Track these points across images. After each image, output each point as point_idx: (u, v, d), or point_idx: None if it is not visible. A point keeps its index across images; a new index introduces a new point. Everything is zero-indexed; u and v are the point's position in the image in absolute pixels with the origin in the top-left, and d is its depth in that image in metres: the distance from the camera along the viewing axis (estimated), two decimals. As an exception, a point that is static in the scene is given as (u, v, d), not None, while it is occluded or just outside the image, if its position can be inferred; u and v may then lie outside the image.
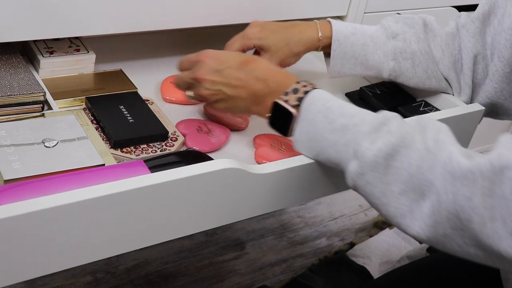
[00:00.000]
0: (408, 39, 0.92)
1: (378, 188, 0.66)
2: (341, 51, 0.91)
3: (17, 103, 0.82)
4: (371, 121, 0.68)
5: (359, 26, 0.93)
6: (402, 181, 0.65)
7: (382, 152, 0.65)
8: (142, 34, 1.08)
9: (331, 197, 1.67)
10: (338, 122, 0.70)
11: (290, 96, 0.74)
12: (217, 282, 1.36)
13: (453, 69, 0.95)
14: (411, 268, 0.97)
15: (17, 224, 0.58)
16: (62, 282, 1.28)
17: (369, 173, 0.66)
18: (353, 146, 0.68)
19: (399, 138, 0.66)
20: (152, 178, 0.65)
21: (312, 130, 0.72)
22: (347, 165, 0.69)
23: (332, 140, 0.70)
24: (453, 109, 0.92)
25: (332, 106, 0.71)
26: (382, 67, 0.93)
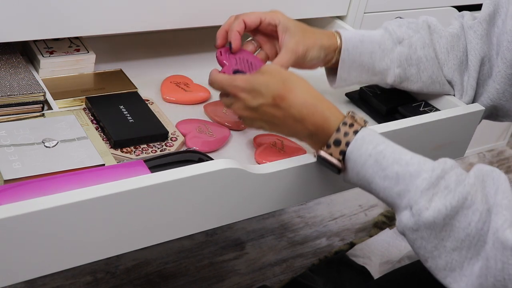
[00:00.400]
0: (414, 44, 0.91)
1: (431, 243, 0.66)
2: (350, 60, 0.89)
3: (17, 103, 0.82)
4: (428, 175, 0.66)
5: (366, 33, 0.91)
6: (458, 239, 0.64)
7: (442, 214, 0.64)
8: (142, 34, 1.08)
9: (331, 197, 1.67)
10: (391, 169, 0.68)
11: (332, 149, 0.72)
12: (217, 282, 1.36)
13: (458, 71, 0.94)
14: (411, 268, 0.97)
15: (17, 224, 0.58)
16: (62, 282, 1.28)
17: (424, 231, 0.65)
18: (408, 200, 0.67)
19: (459, 199, 0.64)
20: (152, 178, 0.65)
21: (362, 173, 0.70)
22: (398, 212, 0.68)
23: (384, 186, 0.69)
24: (453, 109, 0.92)
25: (384, 150, 0.69)
26: (387, 73, 0.92)
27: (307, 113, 0.73)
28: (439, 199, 0.65)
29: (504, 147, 2.04)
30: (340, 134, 0.72)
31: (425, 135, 0.89)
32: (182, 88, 0.97)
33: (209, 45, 1.12)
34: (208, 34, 1.16)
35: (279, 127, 0.77)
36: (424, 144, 0.90)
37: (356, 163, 0.70)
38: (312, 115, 0.73)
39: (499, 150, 2.03)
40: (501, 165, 1.97)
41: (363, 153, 0.70)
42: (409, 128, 0.85)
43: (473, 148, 1.95)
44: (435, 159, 0.96)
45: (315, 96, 0.75)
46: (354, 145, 0.70)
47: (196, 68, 1.05)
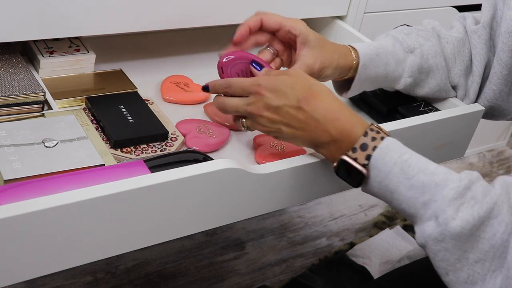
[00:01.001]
0: (426, 54, 0.90)
1: (455, 255, 0.65)
2: (366, 74, 0.88)
3: (17, 103, 0.82)
4: (455, 184, 0.65)
5: (378, 45, 0.89)
6: (482, 250, 0.64)
7: (469, 224, 0.63)
8: (142, 34, 1.08)
9: (331, 197, 1.67)
10: (417, 179, 0.67)
11: (358, 153, 0.70)
12: (217, 282, 1.36)
13: (464, 76, 0.94)
14: (411, 268, 0.97)
15: (17, 224, 0.58)
16: (62, 282, 1.28)
17: (449, 241, 0.65)
18: (434, 209, 0.66)
19: (486, 209, 0.64)
20: (152, 178, 0.65)
21: (385, 182, 0.69)
22: (421, 223, 0.67)
23: (409, 196, 0.68)
24: (453, 109, 0.92)
25: (409, 159, 0.68)
26: (398, 81, 0.91)
27: (332, 118, 0.72)
28: (466, 209, 0.64)
29: (504, 147, 2.04)
30: (368, 139, 0.70)
31: (425, 135, 0.89)
32: (182, 88, 0.97)
33: (209, 45, 1.12)
34: (208, 34, 1.16)
35: (298, 131, 0.73)
36: (424, 144, 0.90)
37: (380, 171, 0.69)
38: (337, 119, 0.72)
39: (499, 150, 2.03)
40: (501, 165, 1.97)
41: (388, 161, 0.68)
42: (409, 128, 0.85)
43: (473, 148, 1.95)
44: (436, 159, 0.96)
45: (340, 104, 0.73)
46: (379, 153, 0.69)
47: (196, 68, 1.05)
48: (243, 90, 0.76)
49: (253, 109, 0.75)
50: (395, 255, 1.46)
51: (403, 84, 0.91)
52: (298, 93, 0.73)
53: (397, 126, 0.84)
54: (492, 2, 0.94)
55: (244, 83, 0.76)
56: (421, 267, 0.95)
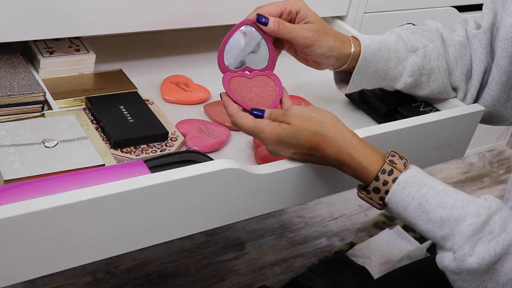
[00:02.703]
0: (428, 54, 0.90)
1: (473, 284, 0.66)
2: (365, 67, 0.88)
3: (17, 103, 0.82)
4: (473, 220, 0.65)
5: (382, 40, 0.89)
6: (499, 282, 0.65)
7: (485, 261, 0.64)
8: (142, 34, 1.08)
9: (331, 197, 1.67)
10: (435, 213, 0.67)
11: (372, 195, 0.71)
12: (217, 282, 1.36)
13: (464, 80, 0.94)
14: (411, 268, 0.97)
15: (17, 224, 0.58)
16: (62, 282, 1.28)
17: (466, 275, 0.66)
18: (452, 244, 0.66)
19: (504, 246, 0.64)
20: (152, 178, 0.65)
21: (404, 215, 0.69)
22: (441, 252, 0.68)
23: (427, 229, 0.68)
24: (453, 109, 0.92)
25: (427, 194, 0.68)
26: (398, 80, 0.91)
27: (343, 162, 0.72)
28: (483, 244, 0.65)
29: (504, 147, 2.04)
30: (379, 183, 0.70)
31: (425, 135, 0.89)
32: (182, 88, 0.97)
33: (209, 45, 1.12)
34: (208, 34, 1.16)
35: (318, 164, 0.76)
36: (424, 144, 0.90)
37: (398, 206, 0.69)
38: (348, 164, 0.72)
39: (499, 150, 2.03)
40: (501, 165, 1.97)
41: (406, 196, 0.69)
42: (409, 128, 0.85)
43: (473, 148, 1.95)
44: (436, 159, 0.96)
45: (349, 143, 0.72)
46: (396, 190, 0.69)
47: (196, 68, 1.05)
48: (247, 131, 0.76)
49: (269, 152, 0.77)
50: (395, 255, 1.46)
51: (403, 84, 0.91)
52: (304, 143, 0.73)
53: (397, 126, 0.84)
54: (492, 8, 0.94)
55: (249, 130, 0.76)
56: (421, 267, 0.95)
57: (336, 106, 1.02)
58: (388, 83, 0.92)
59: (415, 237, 1.53)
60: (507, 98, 0.94)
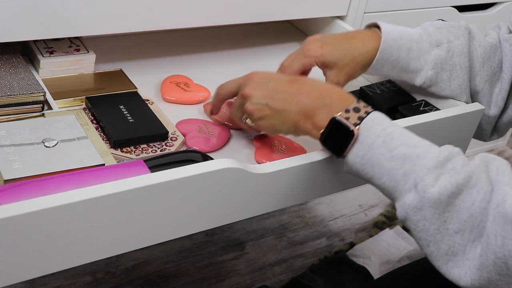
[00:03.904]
0: (452, 50, 0.90)
1: (434, 224, 0.65)
2: (387, 53, 0.88)
3: (17, 103, 0.82)
4: (435, 155, 0.66)
5: (403, 30, 0.90)
6: (461, 220, 0.64)
7: (447, 191, 0.64)
8: (142, 34, 1.08)
9: (331, 197, 1.67)
10: (398, 151, 0.68)
11: (351, 114, 0.71)
12: (217, 282, 1.36)
13: (489, 82, 0.94)
14: (411, 268, 0.97)
15: (17, 224, 0.58)
16: (62, 282, 1.28)
17: (428, 209, 0.65)
18: (414, 179, 0.66)
19: (465, 177, 0.64)
20: (152, 178, 0.65)
21: (368, 155, 0.70)
22: (402, 196, 0.68)
23: (389, 168, 0.68)
24: (453, 108, 0.92)
25: (393, 132, 0.69)
26: (419, 74, 0.91)
27: (325, 87, 0.75)
28: (445, 178, 0.64)
29: (504, 147, 2.04)
30: (360, 105, 0.72)
31: (425, 135, 0.88)
32: (182, 88, 0.97)
33: (209, 45, 1.12)
34: (208, 34, 1.16)
35: (287, 103, 0.74)
36: (424, 144, 0.90)
37: (363, 144, 0.70)
38: (330, 89, 0.75)
39: (499, 150, 2.03)
40: (501, 165, 1.97)
41: (372, 134, 0.70)
42: (409, 128, 0.85)
43: (473, 148, 1.95)
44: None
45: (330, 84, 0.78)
46: (364, 126, 0.70)
47: (196, 68, 1.05)
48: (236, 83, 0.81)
49: (243, 91, 0.78)
50: (395, 255, 1.46)
51: (423, 77, 0.91)
52: (288, 76, 0.78)
53: (397, 126, 0.84)
54: None
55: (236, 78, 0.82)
56: (421, 267, 0.95)
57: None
58: (409, 77, 0.92)
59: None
60: None
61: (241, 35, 1.19)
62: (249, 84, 0.77)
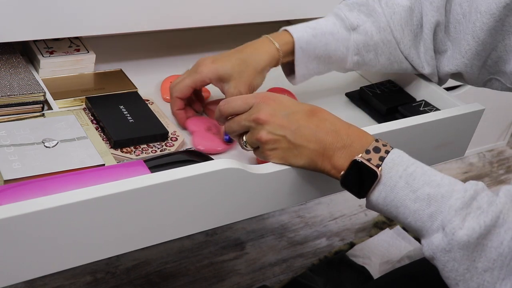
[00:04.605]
0: (370, 31, 0.90)
1: (463, 265, 0.65)
2: (304, 56, 0.88)
3: (17, 103, 0.82)
4: (460, 195, 0.65)
5: (316, 25, 0.89)
6: (490, 259, 0.64)
7: (476, 233, 0.63)
8: (142, 34, 1.08)
9: (331, 197, 1.67)
10: (422, 191, 0.67)
11: (372, 154, 0.69)
12: (217, 282, 1.36)
13: (414, 46, 0.93)
14: (411, 268, 0.97)
15: (17, 224, 0.58)
16: (62, 282, 1.28)
17: (457, 251, 0.64)
18: (441, 220, 0.65)
19: (493, 218, 0.64)
20: (152, 178, 0.65)
21: (391, 196, 0.68)
22: (429, 236, 0.67)
23: (415, 209, 0.67)
24: (453, 109, 0.92)
25: (415, 172, 0.68)
26: (345, 61, 0.92)
27: (342, 126, 0.72)
28: (472, 218, 0.64)
29: (504, 147, 2.04)
30: (379, 144, 0.70)
31: (425, 135, 0.89)
32: (182, 88, 0.97)
33: (209, 45, 1.12)
34: (208, 34, 1.16)
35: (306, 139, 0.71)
36: (424, 144, 0.90)
37: (386, 185, 0.68)
38: (348, 127, 0.72)
39: (499, 150, 2.03)
40: (501, 165, 1.97)
41: (394, 175, 0.68)
42: (409, 128, 0.85)
43: (473, 148, 1.95)
44: (435, 158, 0.96)
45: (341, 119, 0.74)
46: (385, 167, 0.69)
47: (196, 68, 1.04)
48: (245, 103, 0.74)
49: (260, 115, 0.72)
50: (395, 255, 1.46)
51: (350, 63, 0.92)
52: (306, 106, 0.73)
53: (397, 126, 0.84)
54: None
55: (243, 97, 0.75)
56: (421, 267, 0.95)
57: (336, 106, 1.02)
58: (338, 65, 0.93)
59: (415, 237, 1.53)
60: (481, 65, 0.92)
61: (241, 35, 1.18)
62: (265, 109, 0.72)
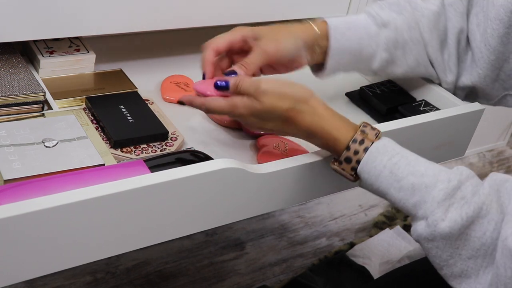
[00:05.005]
0: (400, 27, 0.90)
1: (447, 252, 0.66)
2: (338, 48, 0.88)
3: (17, 103, 0.82)
4: (444, 185, 0.66)
5: (351, 19, 0.90)
6: (473, 248, 0.65)
7: (458, 225, 0.64)
8: (142, 34, 1.08)
9: (331, 197, 1.67)
10: (407, 181, 0.68)
11: (344, 165, 0.72)
12: (217, 282, 1.36)
13: (440, 50, 0.94)
14: (411, 268, 0.97)
15: (17, 224, 0.58)
16: (62, 282, 1.28)
17: (439, 241, 0.66)
18: (424, 210, 0.66)
19: (475, 208, 0.64)
20: (152, 178, 0.65)
21: (377, 184, 0.70)
22: (414, 222, 0.68)
23: (399, 197, 0.69)
24: (453, 108, 0.92)
25: (399, 162, 0.69)
26: (374, 58, 0.91)
27: (315, 134, 0.74)
28: (455, 209, 0.65)
29: (504, 147, 2.04)
30: (350, 153, 0.71)
31: (425, 134, 0.89)
32: (182, 88, 0.97)
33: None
34: (208, 34, 1.16)
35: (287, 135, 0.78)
36: (424, 144, 0.90)
37: (370, 175, 0.70)
38: (320, 135, 0.73)
39: (499, 150, 2.03)
40: (501, 165, 1.97)
41: (378, 164, 0.69)
42: (409, 128, 0.85)
43: (473, 148, 1.95)
44: (435, 158, 0.96)
45: (321, 116, 0.74)
46: (368, 159, 0.70)
47: (196, 68, 1.04)
48: (222, 112, 0.77)
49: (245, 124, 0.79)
50: (395, 255, 1.46)
51: (379, 60, 0.91)
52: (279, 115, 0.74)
53: (397, 125, 0.84)
54: None
55: (221, 106, 0.76)
56: (421, 267, 0.95)
57: (336, 105, 1.01)
58: (366, 65, 0.92)
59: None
60: (495, 78, 0.93)
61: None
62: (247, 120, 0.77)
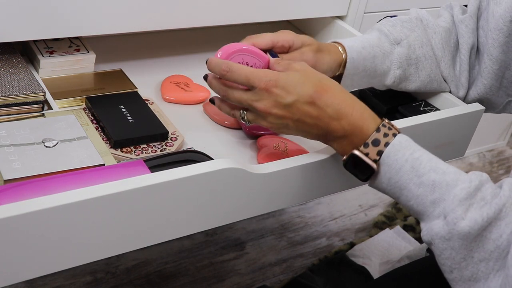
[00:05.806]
0: (413, 44, 0.91)
1: (461, 254, 0.65)
2: (354, 67, 0.88)
3: (17, 103, 0.82)
4: (466, 185, 0.66)
5: (363, 38, 0.90)
6: (487, 250, 0.64)
7: (478, 225, 0.64)
8: (142, 34, 1.08)
9: (331, 197, 1.67)
10: (428, 177, 0.67)
11: (370, 148, 0.70)
12: (217, 282, 1.37)
13: (452, 66, 0.95)
14: (411, 268, 0.97)
15: (17, 224, 0.58)
16: (62, 282, 1.28)
17: (456, 241, 0.65)
18: (443, 208, 0.66)
19: (496, 210, 0.64)
20: (152, 178, 0.65)
21: (396, 178, 0.69)
22: (429, 221, 0.68)
23: (418, 193, 0.68)
24: (453, 109, 0.92)
25: (421, 157, 0.68)
26: (387, 75, 0.91)
27: (345, 112, 0.71)
28: (475, 209, 0.64)
29: (504, 147, 2.04)
30: (380, 135, 0.70)
31: (425, 134, 0.89)
32: (182, 88, 0.97)
33: (209, 45, 1.12)
34: (208, 34, 1.16)
35: (309, 126, 0.72)
36: (424, 144, 0.90)
37: (391, 167, 0.69)
38: (350, 114, 0.71)
39: (499, 150, 2.03)
40: (501, 165, 1.97)
41: (400, 158, 0.69)
42: (409, 128, 0.85)
43: (473, 148, 1.95)
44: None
45: (352, 97, 0.73)
46: (391, 149, 0.69)
47: (196, 68, 1.04)
48: (248, 80, 0.72)
49: (261, 106, 0.72)
50: (395, 255, 1.46)
51: (392, 77, 0.91)
52: (309, 89, 0.71)
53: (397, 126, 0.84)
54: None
55: (249, 73, 0.72)
56: (421, 267, 0.95)
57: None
58: (379, 80, 0.92)
59: (415, 237, 1.54)
60: (499, 86, 0.94)
61: (241, 35, 1.18)
62: (265, 101, 0.72)
